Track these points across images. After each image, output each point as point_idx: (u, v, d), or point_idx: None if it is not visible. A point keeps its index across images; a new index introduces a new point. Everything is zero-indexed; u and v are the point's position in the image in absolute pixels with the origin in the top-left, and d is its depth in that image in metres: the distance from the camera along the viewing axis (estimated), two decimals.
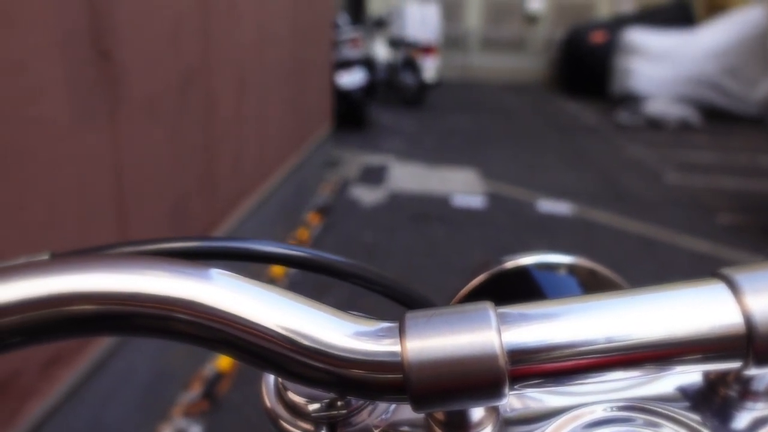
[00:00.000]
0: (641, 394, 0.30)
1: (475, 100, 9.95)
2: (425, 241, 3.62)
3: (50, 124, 1.30)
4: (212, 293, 0.23)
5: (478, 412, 0.27)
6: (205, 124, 2.18)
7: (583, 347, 0.23)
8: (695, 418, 0.29)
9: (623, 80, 8.98)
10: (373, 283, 0.33)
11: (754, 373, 0.27)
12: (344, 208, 4.17)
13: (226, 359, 2.25)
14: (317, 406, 0.29)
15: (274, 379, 0.31)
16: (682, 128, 7.65)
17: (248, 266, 0.30)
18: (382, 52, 8.56)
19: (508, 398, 0.24)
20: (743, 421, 0.28)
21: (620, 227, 3.93)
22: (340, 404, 0.29)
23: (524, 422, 0.30)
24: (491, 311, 0.24)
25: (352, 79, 6.26)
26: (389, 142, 6.27)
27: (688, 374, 0.30)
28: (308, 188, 4.17)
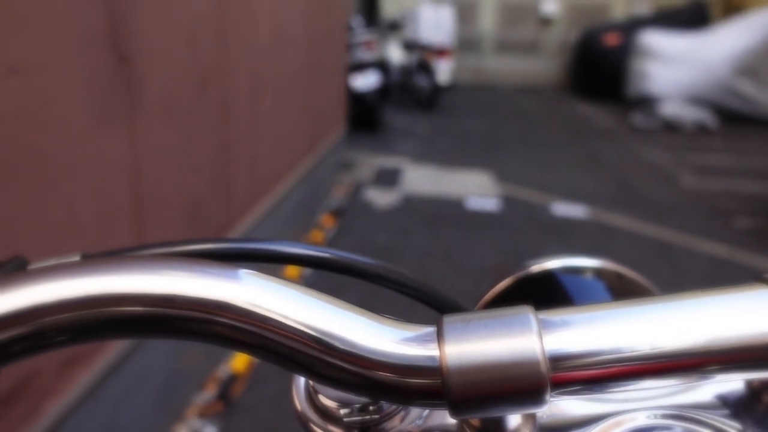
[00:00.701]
0: (681, 401, 0.29)
1: (488, 102, 9.93)
2: (439, 243, 3.61)
3: (69, 125, 1.31)
4: (255, 297, 0.23)
5: (514, 418, 0.27)
6: (220, 126, 2.19)
7: (626, 354, 0.23)
8: (737, 426, 0.28)
9: (638, 82, 8.92)
10: (401, 285, 0.33)
11: None
12: (358, 210, 4.17)
13: (241, 361, 2.25)
14: (349, 410, 0.29)
15: (304, 382, 0.31)
16: (698, 131, 7.58)
17: (262, 266, 0.30)
18: (396, 54, 8.57)
19: (548, 405, 0.23)
20: None
21: (636, 231, 3.90)
22: (372, 409, 0.29)
23: (562, 429, 0.29)
24: (532, 315, 0.23)
25: (366, 81, 6.26)
26: (403, 144, 6.26)
27: (729, 382, 0.30)
28: (322, 190, 4.18)
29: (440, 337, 0.23)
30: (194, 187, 2.00)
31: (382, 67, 7.23)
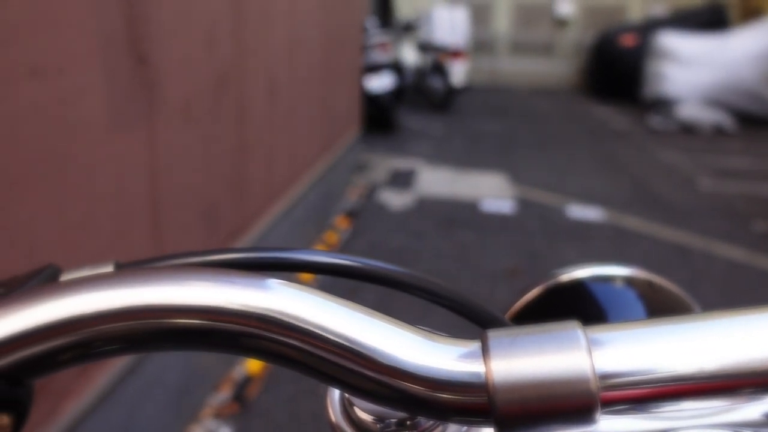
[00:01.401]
0: (729, 419, 0.28)
1: (503, 104, 9.89)
2: (454, 246, 3.59)
3: (89, 127, 1.31)
4: (299, 310, 0.23)
5: None
6: (237, 128, 2.20)
7: (676, 373, 0.22)
8: None
9: (655, 84, 8.84)
10: (437, 296, 0.32)
11: None
12: (372, 212, 4.16)
13: (256, 362, 2.25)
14: (385, 425, 0.28)
15: (339, 394, 0.31)
16: (715, 134, 7.51)
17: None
18: (410, 56, 8.56)
19: (598, 423, 0.22)
20: None
21: (653, 234, 3.86)
22: (408, 423, 0.28)
23: None
24: (580, 331, 0.23)
25: (380, 83, 6.26)
26: (417, 146, 6.26)
27: None
28: (337, 192, 4.18)
29: (485, 352, 0.23)
30: (211, 188, 2.00)
31: (396, 68, 7.23)
